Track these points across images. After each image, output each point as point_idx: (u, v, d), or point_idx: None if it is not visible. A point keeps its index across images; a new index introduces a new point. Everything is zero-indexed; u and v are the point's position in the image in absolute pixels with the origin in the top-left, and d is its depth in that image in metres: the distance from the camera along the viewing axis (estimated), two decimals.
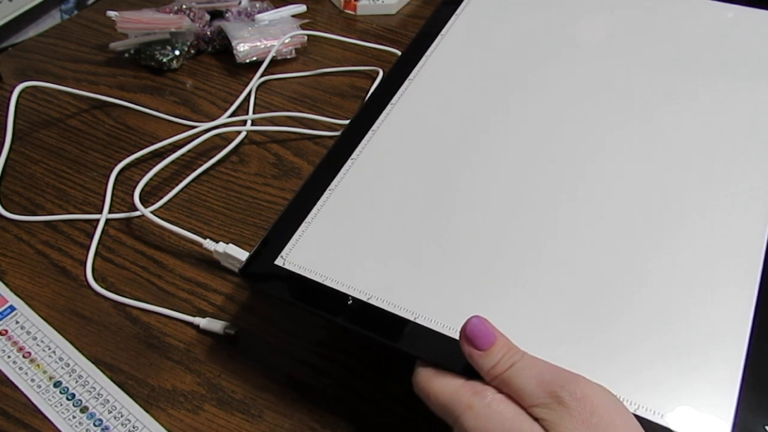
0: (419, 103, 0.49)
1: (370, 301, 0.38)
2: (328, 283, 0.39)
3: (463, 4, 0.55)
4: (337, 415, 0.41)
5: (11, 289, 0.47)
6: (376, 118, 0.48)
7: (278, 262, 0.40)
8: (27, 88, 0.60)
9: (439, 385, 0.33)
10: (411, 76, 0.50)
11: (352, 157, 0.46)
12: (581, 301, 0.37)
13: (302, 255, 0.41)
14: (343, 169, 0.45)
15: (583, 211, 0.41)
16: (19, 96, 0.59)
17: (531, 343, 0.33)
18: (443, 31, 0.53)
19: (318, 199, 0.43)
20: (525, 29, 0.53)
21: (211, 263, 0.50)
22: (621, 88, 0.47)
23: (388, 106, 0.48)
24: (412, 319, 0.37)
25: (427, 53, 0.52)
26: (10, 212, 0.52)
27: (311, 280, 0.39)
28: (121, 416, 0.41)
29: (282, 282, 0.40)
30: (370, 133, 0.47)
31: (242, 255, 0.47)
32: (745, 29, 0.51)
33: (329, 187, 0.44)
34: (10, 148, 0.58)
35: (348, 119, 0.62)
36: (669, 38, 0.51)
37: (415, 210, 0.42)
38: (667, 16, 0.53)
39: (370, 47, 0.71)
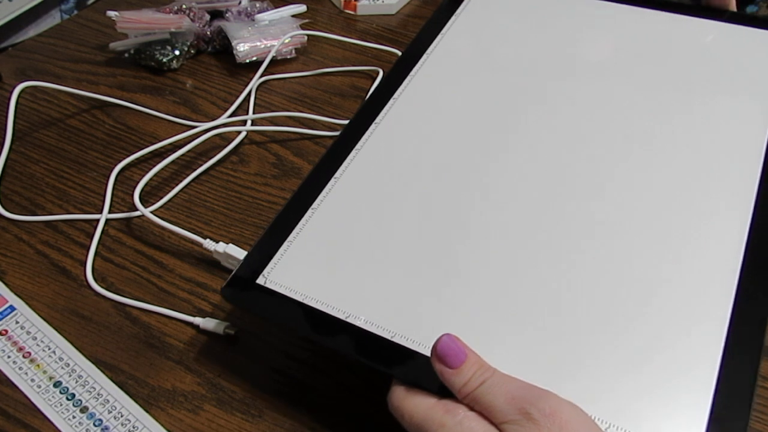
0: (404, 121, 0.48)
1: (348, 320, 0.38)
2: (308, 302, 0.39)
3: (449, 23, 0.54)
4: (337, 414, 0.41)
5: (11, 289, 0.47)
6: (361, 136, 0.48)
7: (260, 280, 0.40)
8: (27, 88, 0.60)
9: (413, 404, 0.33)
10: (396, 94, 0.50)
11: (335, 176, 0.45)
12: (560, 324, 0.37)
13: (284, 274, 0.41)
14: (326, 188, 0.45)
15: (566, 237, 0.41)
16: (19, 96, 0.59)
17: (507, 363, 0.34)
18: (429, 50, 0.52)
19: (301, 217, 0.43)
20: (511, 48, 0.52)
21: (211, 263, 0.50)
22: (614, 109, 0.47)
23: (372, 125, 0.48)
24: (389, 338, 0.37)
25: (413, 72, 0.52)
26: (10, 212, 0.52)
27: (292, 299, 0.39)
28: (121, 416, 0.41)
29: (263, 300, 0.40)
30: (353, 152, 0.47)
31: (242, 255, 0.47)
32: (732, 46, 0.51)
33: (312, 206, 0.44)
34: (10, 148, 0.58)
35: (348, 119, 0.62)
36: (666, 57, 0.51)
37: (395, 231, 0.42)
38: (662, 34, 0.53)
39: (370, 47, 0.71)
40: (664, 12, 0.54)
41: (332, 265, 0.41)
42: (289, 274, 0.41)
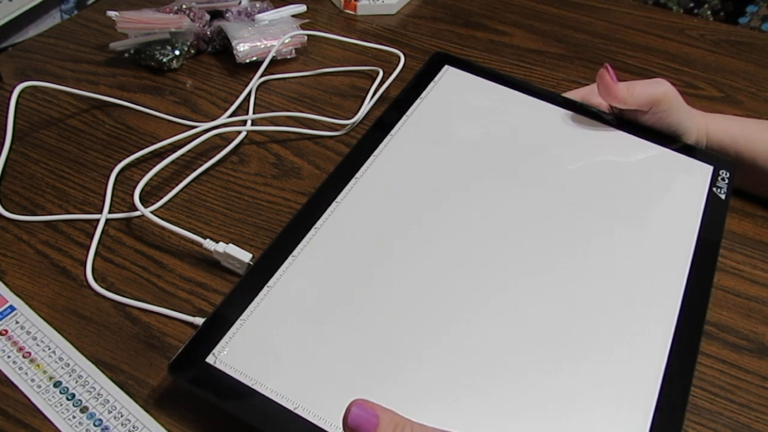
0: (364, 202, 0.48)
1: (296, 411, 0.37)
2: (257, 387, 0.38)
3: (398, 125, 0.54)
4: None
5: (11, 289, 0.47)
6: (321, 214, 0.47)
7: (209, 359, 0.39)
8: (27, 88, 0.60)
9: None
10: (358, 174, 0.50)
11: (293, 254, 0.45)
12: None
13: (235, 355, 0.40)
14: (282, 266, 0.44)
15: (502, 339, 0.42)
16: (19, 96, 0.59)
17: None
18: (376, 152, 0.52)
19: (255, 295, 0.42)
20: (453, 152, 0.53)
21: (211, 263, 0.50)
22: (538, 220, 0.48)
23: (333, 204, 0.48)
24: None
25: (376, 152, 0.52)
26: (10, 212, 0.52)
27: (241, 383, 0.38)
28: (121, 416, 0.41)
29: (211, 382, 0.39)
30: (312, 230, 0.46)
31: (242, 255, 0.47)
32: (649, 165, 0.53)
33: (267, 284, 0.43)
34: (10, 148, 0.58)
35: (348, 119, 0.62)
36: (597, 170, 0.52)
37: (350, 318, 0.42)
38: (598, 145, 0.54)
39: (370, 47, 0.71)
40: (603, 125, 0.56)
41: (283, 349, 0.40)
42: (240, 355, 0.40)
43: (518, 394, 0.39)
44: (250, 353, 0.40)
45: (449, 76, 0.59)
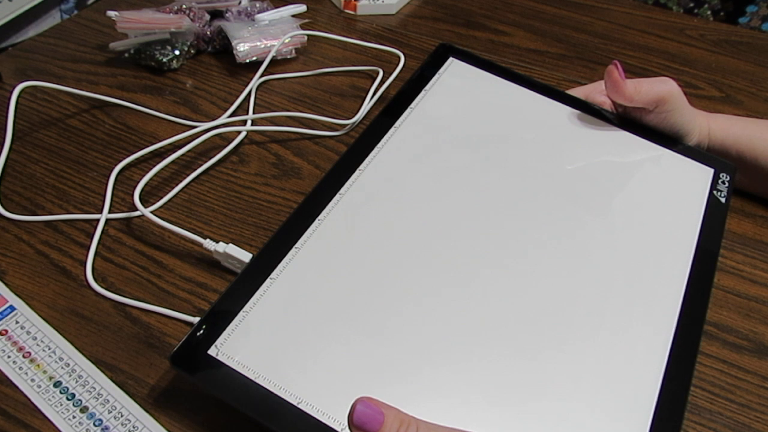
0: (366, 196, 0.48)
1: (299, 406, 0.37)
2: (260, 381, 0.38)
3: (405, 114, 0.54)
4: None
5: (11, 289, 0.47)
6: (324, 206, 0.47)
7: (212, 351, 0.39)
8: (27, 88, 0.60)
9: None
10: (361, 166, 0.50)
11: (296, 246, 0.44)
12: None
13: (237, 347, 0.39)
14: (286, 257, 0.44)
15: (503, 338, 0.42)
16: (19, 96, 0.59)
17: None
18: (380, 144, 0.52)
19: (258, 287, 0.42)
20: (453, 151, 0.53)
21: (211, 263, 0.50)
22: (539, 217, 0.48)
23: (336, 196, 0.48)
24: (338, 430, 0.36)
25: (380, 144, 0.52)
26: (10, 212, 0.52)
27: (243, 375, 0.38)
28: (121, 416, 0.41)
29: (214, 374, 0.38)
30: (316, 222, 0.46)
31: (242, 255, 0.47)
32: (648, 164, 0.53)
33: (270, 276, 0.43)
34: (10, 148, 0.58)
35: (348, 119, 0.62)
36: (599, 167, 0.52)
37: (354, 311, 0.41)
38: (600, 144, 0.54)
39: (370, 47, 0.71)
40: (604, 123, 0.56)
41: (287, 342, 0.40)
42: (242, 347, 0.39)
43: (517, 394, 0.39)
44: (253, 346, 0.40)
45: (454, 68, 0.59)
